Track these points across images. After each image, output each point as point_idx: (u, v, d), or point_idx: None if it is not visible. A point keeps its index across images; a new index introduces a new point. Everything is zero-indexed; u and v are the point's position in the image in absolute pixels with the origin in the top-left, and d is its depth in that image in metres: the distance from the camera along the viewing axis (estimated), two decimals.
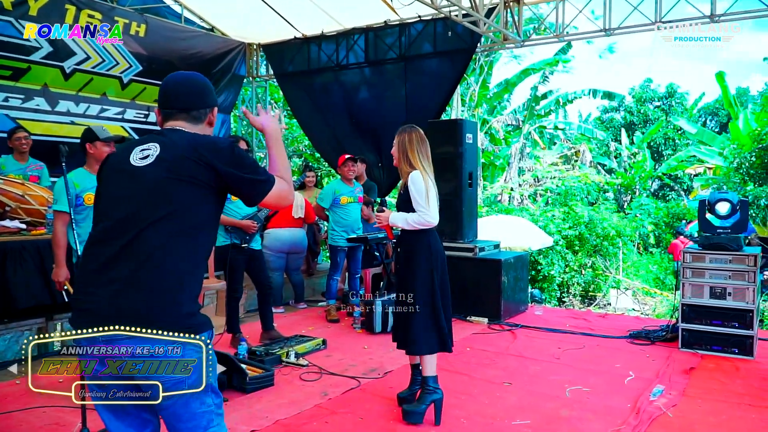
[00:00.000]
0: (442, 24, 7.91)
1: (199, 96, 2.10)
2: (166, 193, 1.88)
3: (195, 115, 2.07)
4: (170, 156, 1.91)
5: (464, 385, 4.38)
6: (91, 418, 3.47)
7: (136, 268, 1.82)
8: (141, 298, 1.81)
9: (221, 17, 9.30)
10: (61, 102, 7.74)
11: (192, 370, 1.82)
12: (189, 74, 2.15)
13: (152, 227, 1.85)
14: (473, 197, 6.85)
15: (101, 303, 1.83)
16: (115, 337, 1.77)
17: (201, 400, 1.88)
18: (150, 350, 1.77)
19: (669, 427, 3.66)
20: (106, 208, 1.96)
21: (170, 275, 1.85)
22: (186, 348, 1.81)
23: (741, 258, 5.10)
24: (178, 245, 1.88)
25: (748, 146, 15.98)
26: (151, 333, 1.76)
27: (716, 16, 6.40)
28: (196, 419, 1.89)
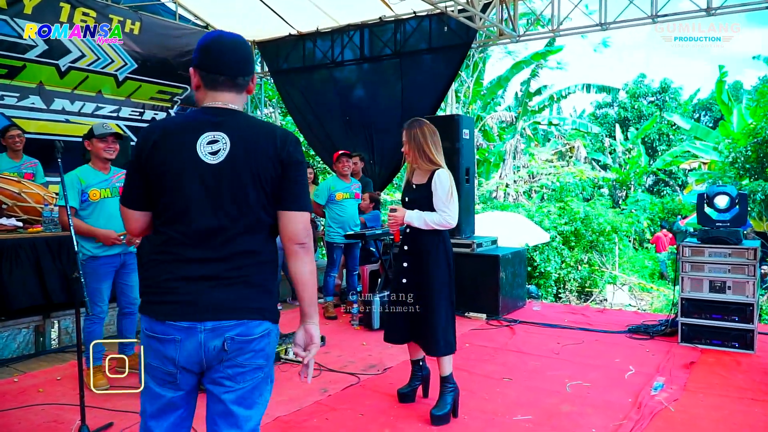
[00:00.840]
0: (437, 20, 7.89)
1: (248, 62, 1.98)
2: (245, 194, 1.87)
3: (241, 83, 1.96)
4: (244, 152, 1.87)
5: (464, 381, 4.35)
6: (89, 416, 3.45)
7: (227, 268, 1.86)
8: (234, 293, 1.87)
9: (215, 14, 9.24)
10: (57, 100, 7.69)
11: (269, 358, 1.96)
12: (237, 36, 1.99)
13: (239, 230, 1.87)
14: (470, 193, 6.84)
15: (197, 296, 1.86)
16: (218, 326, 1.85)
17: (264, 391, 1.96)
18: (241, 337, 1.87)
19: (671, 421, 3.65)
20: (183, 208, 1.86)
21: (257, 274, 1.91)
22: (268, 337, 1.93)
23: (740, 251, 5.10)
24: (260, 243, 1.92)
25: (743, 141, 16.03)
26: (241, 322, 1.87)
27: (712, 10, 6.39)
28: (255, 408, 1.94)
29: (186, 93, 9.04)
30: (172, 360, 1.86)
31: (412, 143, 3.67)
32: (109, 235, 4.07)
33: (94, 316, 4.19)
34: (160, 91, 8.71)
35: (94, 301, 4.16)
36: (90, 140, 4.11)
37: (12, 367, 4.71)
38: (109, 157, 4.16)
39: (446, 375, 3.72)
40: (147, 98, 8.57)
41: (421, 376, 4.01)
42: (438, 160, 3.65)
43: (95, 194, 4.09)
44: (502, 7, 7.39)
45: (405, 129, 3.75)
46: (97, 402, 3.88)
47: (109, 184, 4.20)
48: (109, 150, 4.13)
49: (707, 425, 3.59)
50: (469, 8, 6.58)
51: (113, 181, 4.24)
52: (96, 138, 4.08)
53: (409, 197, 3.75)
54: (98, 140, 4.08)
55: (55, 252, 5.21)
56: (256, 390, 1.93)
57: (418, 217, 3.63)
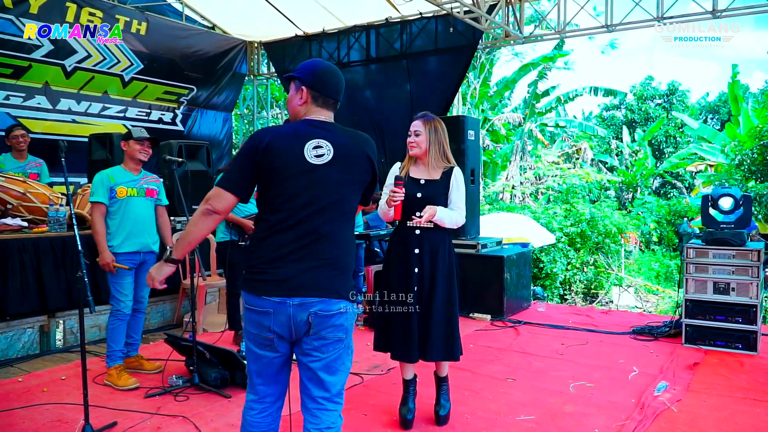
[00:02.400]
0: (443, 21, 7.90)
1: (344, 89, 2.44)
2: (340, 191, 2.26)
3: (337, 107, 2.39)
4: (343, 157, 2.25)
5: (468, 382, 4.37)
6: (93, 415, 3.47)
7: (313, 252, 2.22)
8: (318, 275, 2.23)
9: (222, 15, 9.30)
10: (63, 100, 7.75)
11: (347, 331, 2.30)
12: (329, 64, 2.43)
13: (328, 221, 2.25)
14: (475, 194, 6.84)
15: (288, 276, 2.21)
16: (304, 302, 2.20)
17: (346, 360, 2.32)
18: (323, 312, 2.21)
19: (674, 422, 3.64)
20: (286, 200, 2.22)
21: (340, 258, 2.30)
22: (346, 314, 2.26)
23: (744, 253, 5.09)
24: (347, 236, 2.34)
25: (749, 143, 15.96)
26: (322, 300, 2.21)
27: (718, 12, 6.38)
28: (338, 375, 2.30)
29: (192, 93, 9.08)
30: (268, 328, 2.21)
31: (433, 137, 3.43)
32: (106, 258, 4.16)
33: (118, 312, 4.25)
34: (166, 91, 8.76)
35: (116, 296, 4.25)
36: (127, 141, 4.34)
37: (17, 367, 4.73)
38: (143, 159, 4.37)
39: (446, 375, 3.71)
40: (153, 99, 8.62)
41: (415, 392, 3.69)
42: (452, 159, 3.53)
43: (122, 191, 4.26)
44: (508, 8, 7.39)
45: (421, 121, 3.46)
46: (101, 401, 3.91)
47: (137, 184, 4.36)
48: (144, 152, 4.35)
49: (710, 426, 3.58)
50: (474, 9, 6.59)
51: (141, 183, 4.40)
52: (134, 140, 4.31)
53: (422, 193, 3.42)
54: (135, 142, 4.31)
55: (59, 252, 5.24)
56: (339, 359, 2.27)
57: (448, 216, 3.41)
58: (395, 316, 3.49)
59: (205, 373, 4.10)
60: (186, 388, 4.11)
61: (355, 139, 2.32)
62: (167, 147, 6.28)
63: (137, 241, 4.32)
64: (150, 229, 4.44)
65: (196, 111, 9.29)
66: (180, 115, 9.07)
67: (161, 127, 8.79)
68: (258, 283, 2.22)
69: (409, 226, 3.47)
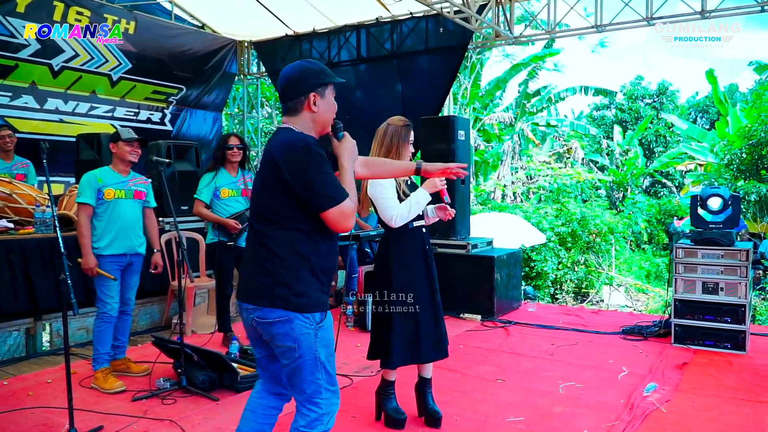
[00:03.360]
0: (433, 21, 7.89)
1: (288, 87, 2.32)
2: (262, 198, 2.28)
3: (291, 107, 2.32)
4: (262, 163, 2.31)
5: (457, 383, 4.36)
6: (79, 419, 3.44)
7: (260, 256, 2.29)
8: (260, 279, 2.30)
9: (212, 14, 9.25)
10: (50, 100, 7.68)
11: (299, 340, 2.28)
12: (288, 68, 2.34)
13: (260, 225, 2.29)
14: (466, 194, 6.84)
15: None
16: (247, 307, 2.35)
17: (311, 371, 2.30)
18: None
19: (662, 422, 3.64)
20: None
21: (278, 263, 2.25)
22: (296, 322, 2.27)
23: (733, 253, 5.10)
24: (283, 241, 2.25)
25: (738, 143, 16.05)
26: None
27: (707, 12, 6.40)
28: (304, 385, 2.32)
29: (181, 93, 9.02)
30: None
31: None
32: (89, 262, 4.13)
33: (105, 315, 4.22)
34: (155, 91, 8.71)
35: (102, 298, 4.21)
36: (116, 143, 4.28)
37: (2, 370, 4.67)
38: (133, 160, 4.33)
39: (431, 376, 3.69)
40: (142, 98, 8.56)
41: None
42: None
43: (110, 193, 4.22)
44: (498, 8, 7.39)
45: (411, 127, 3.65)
46: (87, 405, 3.88)
47: (125, 186, 4.32)
48: (134, 154, 4.31)
49: (698, 426, 3.59)
50: (465, 9, 6.58)
51: (129, 184, 4.36)
52: (123, 141, 4.26)
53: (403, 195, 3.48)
54: (125, 143, 4.26)
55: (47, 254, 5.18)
56: (298, 370, 2.29)
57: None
58: (415, 316, 3.43)
59: (193, 375, 4.07)
60: (173, 391, 4.07)
61: (274, 142, 2.28)
62: (155, 147, 6.23)
63: (124, 244, 4.28)
64: (137, 231, 4.40)
65: (185, 111, 9.23)
66: (169, 115, 9.01)
67: (150, 127, 8.72)
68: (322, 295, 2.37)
69: (416, 226, 3.51)
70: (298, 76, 2.31)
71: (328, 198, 2.18)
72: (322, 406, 2.33)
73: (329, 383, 2.35)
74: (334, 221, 2.20)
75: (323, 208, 2.18)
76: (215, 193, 5.06)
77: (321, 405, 2.33)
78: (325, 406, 2.34)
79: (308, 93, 2.29)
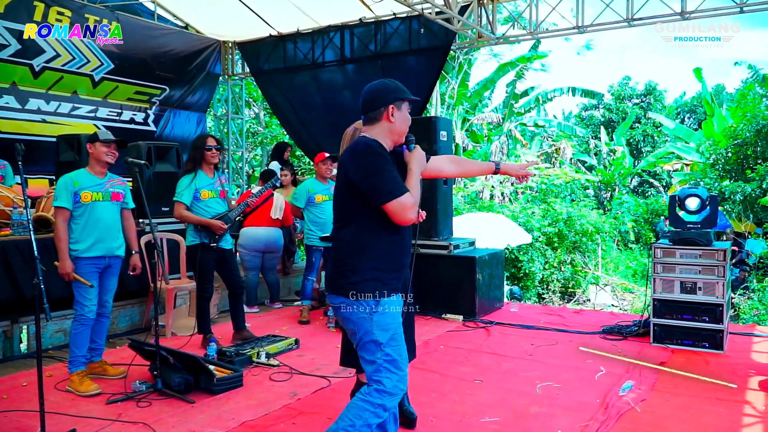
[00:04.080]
0: (417, 22, 7.88)
1: (372, 101, 2.68)
2: (337, 197, 2.69)
3: (371, 116, 2.68)
4: (339, 166, 2.68)
5: (436, 383, 4.36)
6: (52, 422, 3.42)
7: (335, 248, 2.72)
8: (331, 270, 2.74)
9: (195, 15, 9.21)
10: (31, 100, 7.62)
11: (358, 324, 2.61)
12: (371, 84, 2.73)
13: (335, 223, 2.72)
14: (448, 195, 6.83)
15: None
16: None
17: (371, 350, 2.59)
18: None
19: (637, 422, 3.66)
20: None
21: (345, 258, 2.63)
22: (354, 309, 2.61)
23: (711, 253, 5.13)
24: (347, 236, 2.64)
25: (724, 142, 16.15)
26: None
27: (687, 13, 6.44)
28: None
29: (164, 93, 8.98)
30: None
31: None
32: (66, 267, 4.11)
33: (82, 317, 4.20)
34: (137, 91, 8.65)
35: (80, 301, 4.19)
36: (93, 144, 4.25)
37: None
38: (110, 162, 4.30)
39: None
40: (124, 99, 8.51)
41: None
42: None
43: (87, 196, 4.19)
44: (481, 9, 7.40)
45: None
46: (62, 408, 3.85)
47: (102, 188, 4.30)
48: (111, 155, 4.28)
49: (672, 425, 3.61)
50: (446, 10, 6.58)
51: (107, 186, 4.33)
52: (100, 142, 4.23)
53: None
54: (102, 144, 4.24)
55: (27, 255, 5.14)
56: (360, 349, 2.63)
57: None
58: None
59: (169, 378, 4.05)
60: (149, 393, 4.05)
61: (348, 149, 2.65)
62: (135, 148, 6.20)
63: (102, 246, 4.26)
64: (115, 233, 4.38)
65: (168, 111, 9.17)
66: (152, 116, 8.95)
67: (133, 127, 8.67)
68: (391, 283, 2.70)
69: None
70: (380, 91, 2.68)
71: (387, 192, 2.48)
72: (384, 383, 2.56)
73: (392, 365, 2.58)
74: (394, 213, 2.50)
75: (384, 201, 2.48)
76: (195, 195, 5.03)
77: (383, 382, 2.56)
78: (387, 384, 2.56)
79: (388, 105, 2.64)
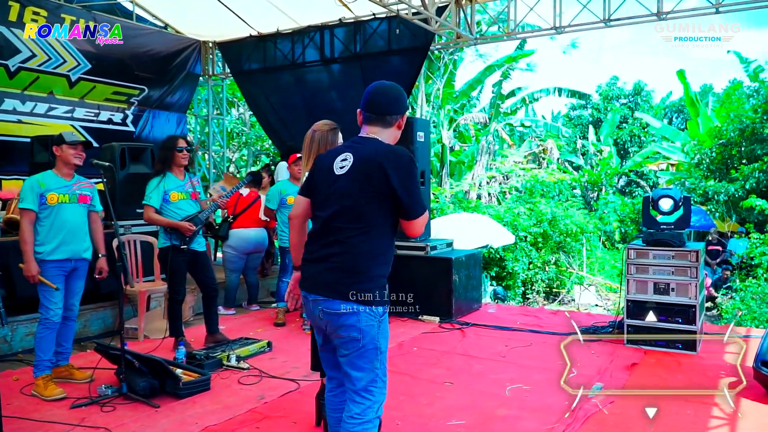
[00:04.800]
0: (396, 22, 7.86)
1: (394, 104, 2.57)
2: (355, 200, 2.45)
3: (389, 120, 2.55)
4: (360, 167, 2.46)
5: (405, 386, 4.33)
6: (14, 427, 3.39)
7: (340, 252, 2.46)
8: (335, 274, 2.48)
9: (175, 15, 9.15)
10: (7, 101, 7.53)
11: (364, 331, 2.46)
12: (389, 85, 2.60)
13: (347, 224, 2.46)
14: (425, 196, 6.80)
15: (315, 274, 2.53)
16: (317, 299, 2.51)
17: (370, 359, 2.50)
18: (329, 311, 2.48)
19: (603, 424, 3.65)
20: (317, 205, 2.59)
21: (354, 258, 2.46)
22: (362, 314, 2.44)
23: (683, 254, 5.13)
24: (362, 241, 2.45)
25: (709, 142, 16.23)
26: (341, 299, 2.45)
27: (663, 14, 6.45)
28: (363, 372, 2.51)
29: (143, 94, 8.90)
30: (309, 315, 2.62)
31: None
32: (31, 270, 4.06)
33: (47, 321, 4.15)
34: (115, 92, 8.57)
35: (45, 304, 4.14)
36: (60, 146, 4.19)
37: None
38: (77, 164, 4.26)
39: None
40: (102, 99, 8.43)
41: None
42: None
43: (53, 198, 4.15)
44: (459, 10, 7.38)
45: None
46: (25, 412, 3.81)
47: (69, 190, 4.25)
48: (78, 157, 4.24)
49: (638, 427, 3.60)
50: (422, 11, 6.56)
51: (74, 188, 4.28)
52: (67, 144, 4.19)
53: None
54: (69, 146, 4.19)
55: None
56: (358, 358, 2.48)
57: None
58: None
59: (134, 382, 4.01)
60: (114, 398, 4.01)
61: (377, 151, 2.46)
62: (109, 149, 6.15)
63: (68, 249, 4.22)
64: (82, 236, 4.33)
65: (148, 112, 9.09)
66: (131, 116, 8.87)
67: (111, 127, 8.58)
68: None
69: None
70: (401, 95, 2.61)
71: (421, 206, 2.46)
72: (375, 394, 2.53)
73: (384, 374, 2.57)
74: (417, 226, 2.47)
75: (417, 214, 2.45)
76: (164, 197, 4.97)
77: (375, 393, 2.52)
78: (378, 394, 2.54)
79: (404, 112, 2.62)
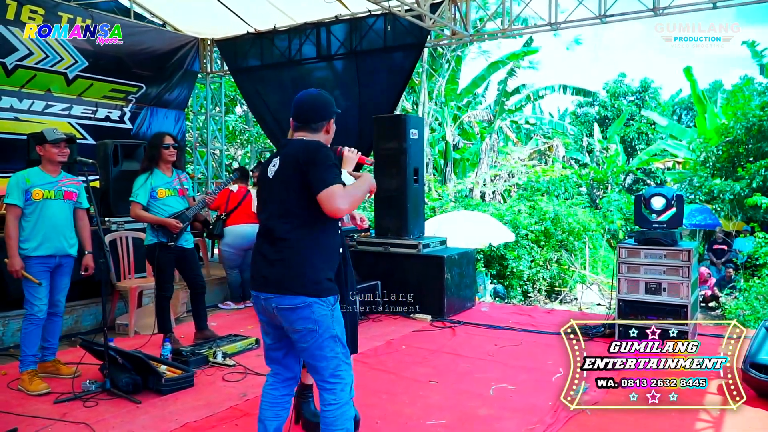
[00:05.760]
0: (392, 19, 7.83)
1: (319, 111, 2.77)
2: (283, 198, 2.63)
3: (314, 127, 2.75)
4: (282, 165, 2.68)
5: (389, 385, 4.31)
6: None
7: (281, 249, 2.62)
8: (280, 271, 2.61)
9: (173, 13, 9.14)
10: (4, 98, 7.54)
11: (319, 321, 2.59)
12: (314, 93, 2.81)
13: (281, 222, 2.63)
14: (419, 193, 6.77)
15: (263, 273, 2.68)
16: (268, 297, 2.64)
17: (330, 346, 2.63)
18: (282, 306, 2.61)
19: (585, 425, 3.62)
20: (259, 210, 2.82)
21: (299, 258, 2.60)
22: (315, 305, 2.58)
23: (675, 253, 5.08)
24: (299, 236, 2.61)
25: (715, 140, 16.06)
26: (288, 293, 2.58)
27: (659, 9, 6.38)
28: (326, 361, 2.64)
29: (141, 91, 8.90)
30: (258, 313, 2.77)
31: None
32: (15, 265, 4.10)
33: (32, 317, 4.18)
34: (113, 89, 8.57)
35: (30, 300, 4.17)
36: (43, 146, 4.23)
37: None
38: (62, 161, 4.30)
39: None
40: (99, 96, 8.44)
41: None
42: None
43: (38, 194, 4.18)
44: (454, 6, 7.34)
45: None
46: (10, 407, 3.84)
47: (54, 186, 4.28)
48: (62, 154, 4.28)
49: (619, 429, 3.57)
50: (416, 8, 6.52)
51: (59, 185, 4.30)
52: (49, 143, 4.21)
53: None
54: (51, 145, 4.22)
55: None
56: (318, 348, 2.60)
57: None
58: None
59: (117, 378, 4.02)
60: (97, 393, 4.02)
61: (296, 148, 2.64)
62: (102, 147, 6.16)
63: (52, 245, 4.24)
64: (67, 232, 4.35)
65: (146, 109, 9.10)
66: (128, 113, 8.88)
67: (108, 125, 8.60)
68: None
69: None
70: (324, 103, 2.79)
71: (321, 180, 2.50)
72: (344, 376, 2.65)
73: (345, 356, 2.68)
74: (327, 202, 2.48)
75: (318, 188, 2.49)
76: (152, 193, 4.98)
77: (342, 375, 2.64)
78: (346, 376, 2.66)
79: (330, 119, 2.79)
